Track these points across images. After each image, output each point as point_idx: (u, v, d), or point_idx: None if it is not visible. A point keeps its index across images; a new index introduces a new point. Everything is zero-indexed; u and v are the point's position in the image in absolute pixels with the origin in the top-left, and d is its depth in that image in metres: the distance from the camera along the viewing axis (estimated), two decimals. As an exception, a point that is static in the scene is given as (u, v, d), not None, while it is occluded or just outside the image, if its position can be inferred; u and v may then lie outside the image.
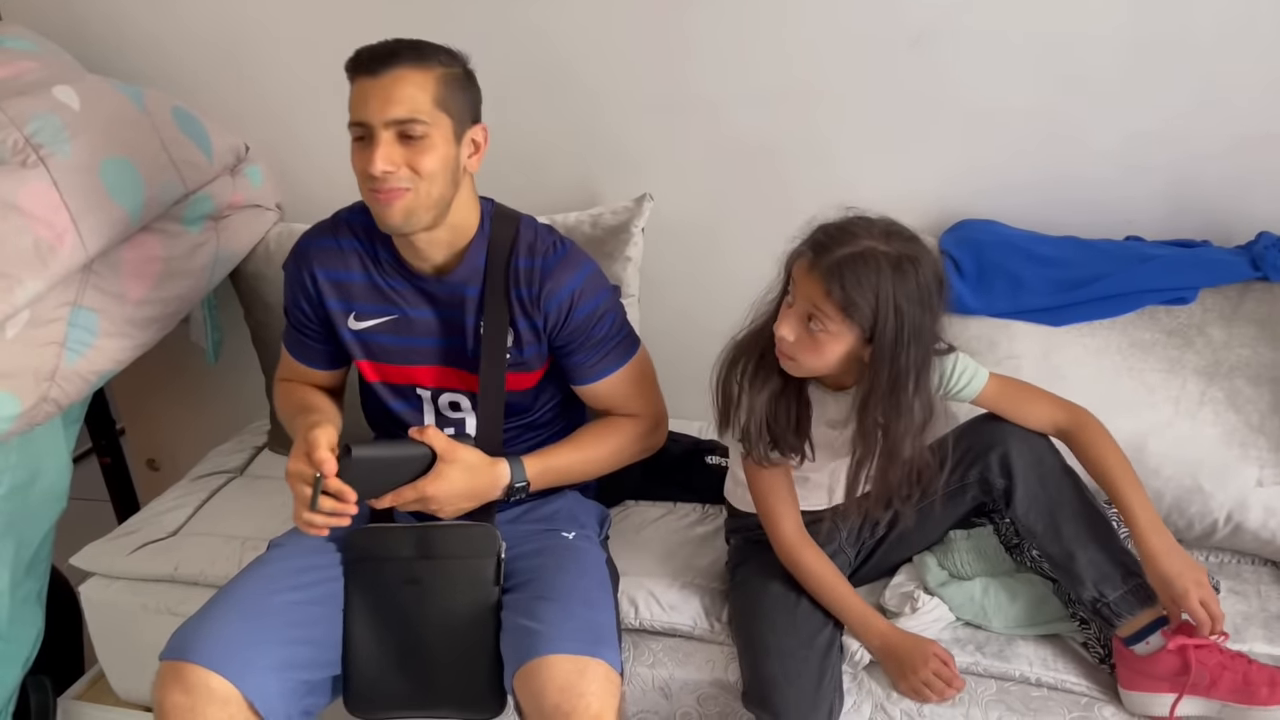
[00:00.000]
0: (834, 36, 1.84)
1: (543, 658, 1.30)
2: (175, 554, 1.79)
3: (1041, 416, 1.45)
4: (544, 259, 1.47)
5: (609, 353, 1.53)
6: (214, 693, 1.29)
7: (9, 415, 1.69)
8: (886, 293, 1.27)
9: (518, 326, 1.48)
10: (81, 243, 1.69)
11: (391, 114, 1.32)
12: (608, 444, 1.55)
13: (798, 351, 1.34)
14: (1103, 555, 1.39)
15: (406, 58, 1.34)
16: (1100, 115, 1.79)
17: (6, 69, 1.81)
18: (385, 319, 1.52)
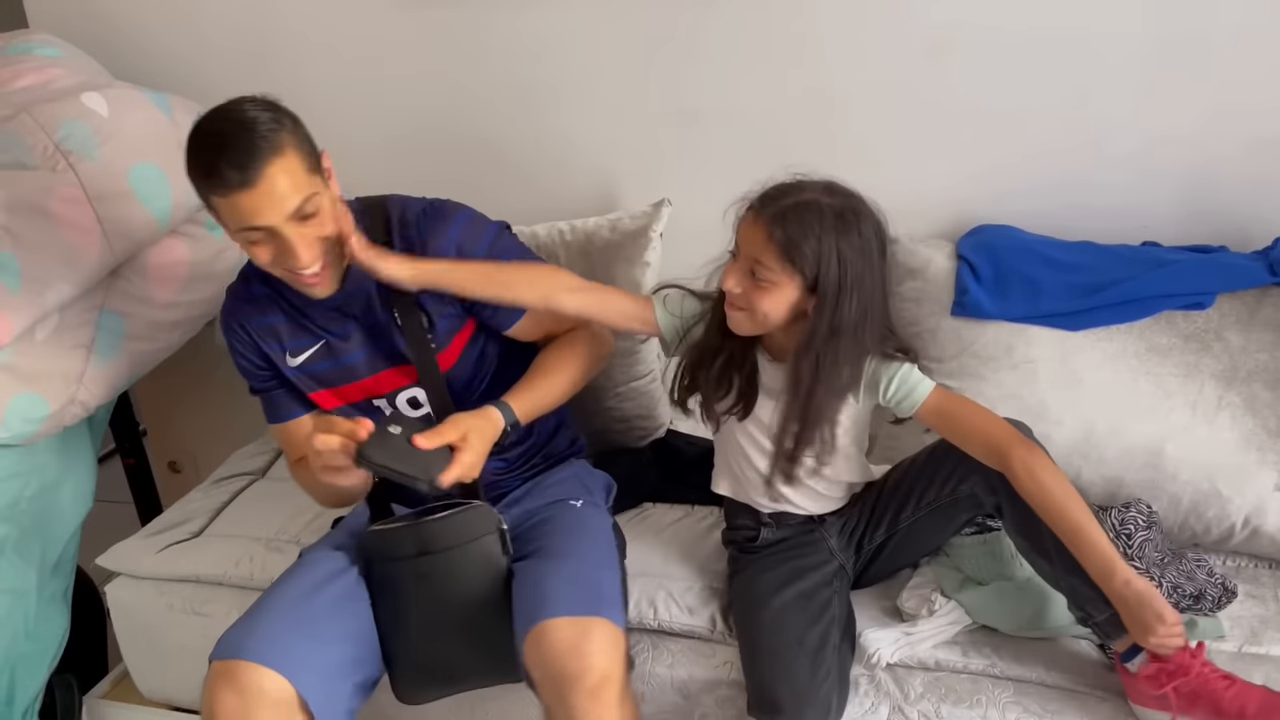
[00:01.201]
0: (851, 43, 1.86)
1: (546, 621, 1.33)
2: (200, 555, 1.81)
3: (977, 441, 1.38)
4: (417, 224, 1.49)
5: None
6: (266, 694, 1.31)
7: (38, 417, 1.72)
8: (829, 241, 1.30)
9: (423, 303, 1.49)
10: (110, 247, 1.72)
11: (289, 209, 1.31)
12: (572, 363, 1.55)
13: (748, 301, 1.36)
14: (1076, 578, 1.35)
15: (263, 156, 1.28)
16: (1117, 120, 1.80)
17: (36, 76, 1.84)
18: (316, 347, 1.54)
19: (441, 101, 2.10)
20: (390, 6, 2.04)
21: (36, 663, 1.83)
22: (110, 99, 1.80)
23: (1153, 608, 1.28)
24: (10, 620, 1.78)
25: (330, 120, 2.14)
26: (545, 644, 1.31)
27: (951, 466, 1.46)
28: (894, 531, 1.54)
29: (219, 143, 1.29)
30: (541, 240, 1.95)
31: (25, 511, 1.80)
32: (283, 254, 1.35)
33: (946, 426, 1.43)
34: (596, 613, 1.34)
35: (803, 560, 1.52)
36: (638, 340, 1.93)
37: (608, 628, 1.34)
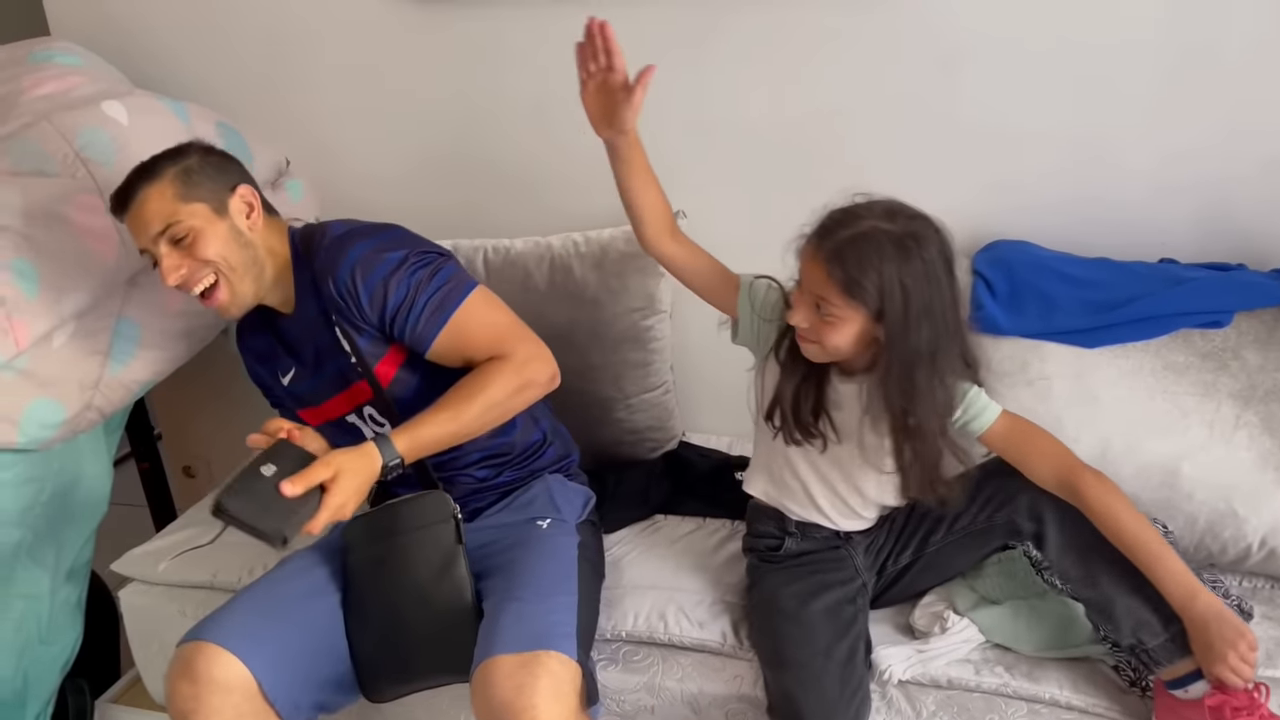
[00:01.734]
0: (866, 57, 1.86)
1: (490, 659, 1.32)
2: (212, 562, 1.82)
3: (1046, 469, 1.40)
4: (325, 250, 1.52)
5: (424, 311, 1.49)
6: (217, 682, 1.35)
7: (54, 422, 1.73)
8: (890, 272, 1.27)
9: (342, 325, 1.53)
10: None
11: (151, 231, 1.47)
12: (479, 396, 1.46)
13: (817, 335, 1.35)
14: (1140, 602, 1.35)
15: (138, 183, 1.47)
16: (1134, 137, 1.79)
17: (56, 84, 1.86)
18: (295, 369, 1.61)
19: (457, 115, 2.10)
20: (407, 22, 2.05)
21: (50, 667, 1.84)
22: (130, 107, 1.82)
23: (1234, 625, 1.28)
24: (24, 624, 1.79)
25: (346, 132, 2.18)
26: (489, 683, 1.30)
27: (991, 493, 1.46)
28: (920, 555, 1.54)
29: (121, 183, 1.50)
30: (556, 251, 1.96)
31: (41, 516, 1.81)
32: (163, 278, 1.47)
33: (1013, 450, 1.42)
34: (543, 646, 1.32)
35: (828, 575, 1.52)
36: (650, 352, 1.94)
37: (556, 660, 1.31)
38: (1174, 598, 1.32)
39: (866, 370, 1.39)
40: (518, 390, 1.50)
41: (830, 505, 1.53)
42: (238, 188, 1.52)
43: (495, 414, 1.49)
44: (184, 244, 1.47)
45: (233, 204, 1.51)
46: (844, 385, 1.44)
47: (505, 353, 1.50)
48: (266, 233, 1.54)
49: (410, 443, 1.42)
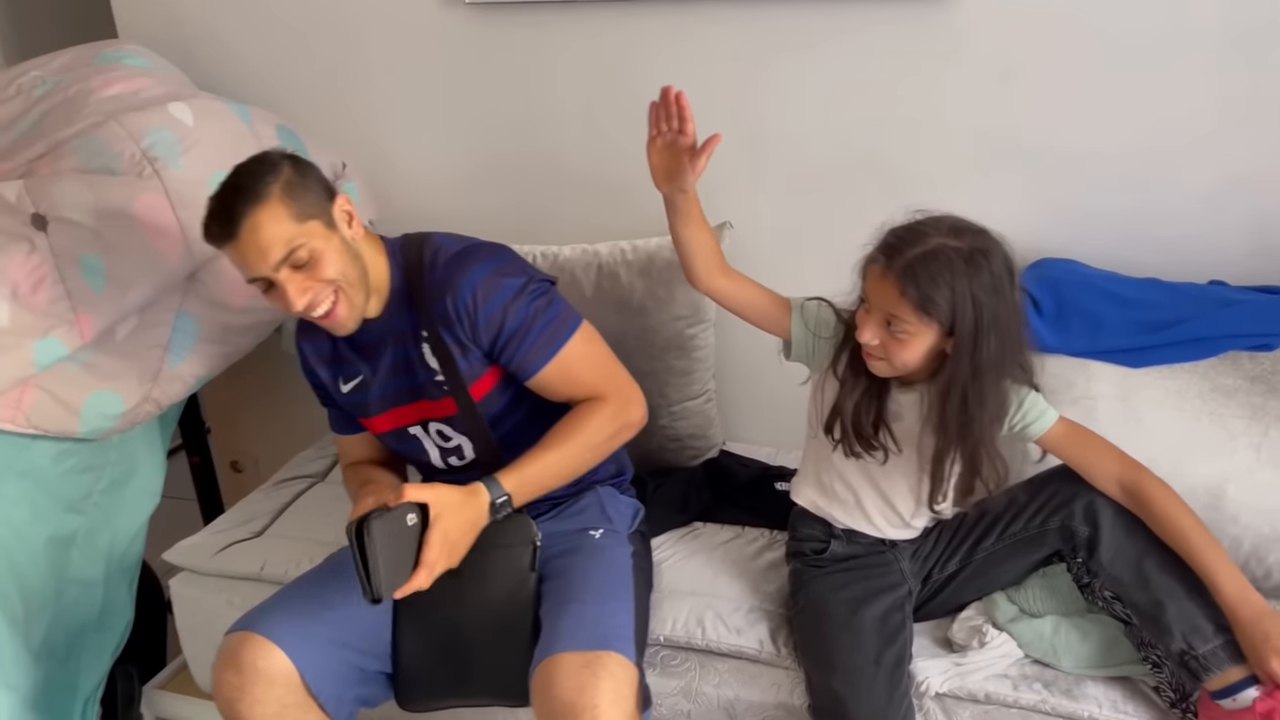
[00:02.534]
0: (917, 72, 1.87)
1: (553, 656, 1.33)
2: (261, 554, 1.86)
3: (1107, 470, 1.43)
4: (444, 268, 1.50)
5: (537, 341, 1.50)
6: (261, 673, 1.38)
7: (113, 414, 1.78)
8: (962, 287, 1.29)
9: (445, 342, 1.51)
10: (189, 252, 1.78)
11: (273, 259, 1.37)
12: (579, 436, 1.49)
13: (886, 352, 1.36)
14: (1193, 607, 1.37)
15: (244, 207, 1.36)
16: (1189, 156, 1.79)
17: (125, 85, 1.91)
18: (357, 380, 1.59)
19: (508, 121, 2.14)
20: (461, 28, 2.08)
21: (101, 652, 1.89)
22: (195, 109, 1.87)
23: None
24: (78, 610, 1.84)
25: (400, 136, 2.22)
26: (552, 680, 1.31)
27: (1045, 499, 1.47)
28: (968, 562, 1.55)
29: (213, 204, 1.40)
30: (604, 259, 1.98)
31: (97, 504, 1.87)
32: (286, 303, 1.41)
33: (1072, 451, 1.45)
34: (605, 647, 1.34)
35: (876, 580, 1.53)
36: (694, 360, 1.95)
37: (617, 662, 1.33)
38: (1228, 595, 1.34)
39: (928, 379, 1.41)
40: (616, 433, 1.53)
41: (880, 514, 1.54)
42: (336, 197, 1.46)
43: (594, 455, 1.52)
44: (305, 266, 1.40)
45: (336, 215, 1.45)
46: (904, 395, 1.46)
47: (604, 393, 1.53)
48: (366, 246, 1.50)
49: (518, 482, 1.44)
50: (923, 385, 1.42)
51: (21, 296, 1.64)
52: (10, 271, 1.64)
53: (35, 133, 1.83)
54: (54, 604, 1.80)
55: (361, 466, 1.68)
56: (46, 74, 1.94)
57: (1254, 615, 1.33)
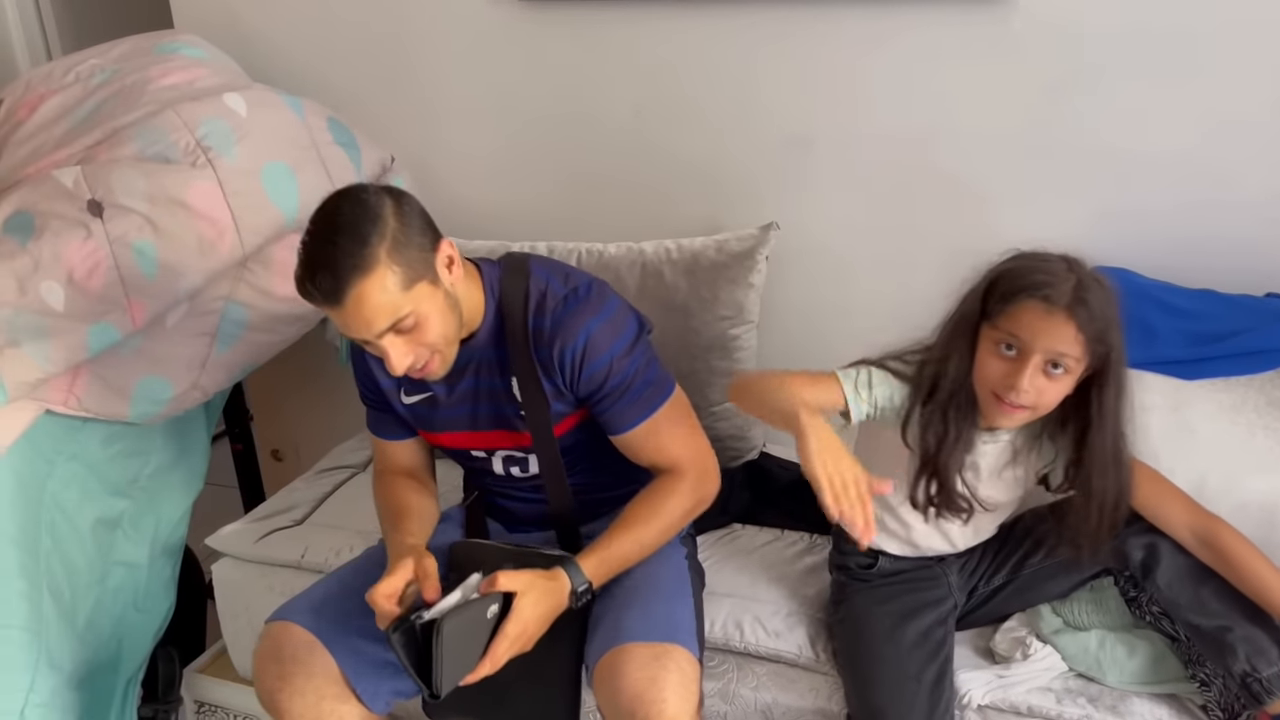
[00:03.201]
0: (970, 78, 1.85)
1: (621, 646, 1.33)
2: (302, 542, 1.88)
3: (1180, 518, 1.39)
4: (553, 314, 1.44)
5: (637, 399, 1.47)
6: (302, 664, 1.39)
7: (162, 399, 1.80)
8: (1113, 315, 1.27)
9: (542, 385, 1.47)
10: (240, 241, 1.80)
11: (378, 328, 1.31)
12: (659, 518, 1.47)
13: (1038, 400, 1.30)
14: (1257, 630, 1.34)
15: (351, 277, 1.27)
16: (1246, 167, 1.75)
17: (181, 75, 1.94)
18: (424, 395, 1.54)
19: (557, 117, 2.14)
20: (513, 23, 2.09)
21: (143, 634, 1.91)
22: (249, 100, 1.88)
23: None
24: (122, 591, 1.87)
25: (448, 130, 2.23)
26: (620, 670, 1.31)
27: None
28: (1015, 576, 1.53)
29: (311, 257, 1.30)
30: (649, 257, 1.98)
31: (143, 489, 1.89)
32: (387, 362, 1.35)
33: (1145, 498, 1.40)
34: (673, 640, 1.34)
35: (921, 594, 1.51)
36: (736, 361, 1.94)
37: (684, 656, 1.33)
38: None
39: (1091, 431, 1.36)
40: (692, 509, 1.51)
41: (931, 545, 1.53)
42: (439, 244, 1.37)
43: (671, 533, 1.50)
44: (409, 331, 1.33)
45: (439, 265, 1.36)
46: (989, 445, 1.42)
47: (684, 464, 1.50)
48: (463, 286, 1.42)
49: (598, 567, 1.41)
50: (1008, 433, 1.39)
51: (77, 281, 1.67)
52: (67, 257, 1.66)
53: (93, 120, 1.86)
54: (99, 586, 1.83)
55: (397, 487, 1.60)
56: (105, 63, 1.97)
57: None
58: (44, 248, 1.66)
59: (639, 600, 1.42)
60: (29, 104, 1.91)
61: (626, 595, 1.44)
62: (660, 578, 1.49)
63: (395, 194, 1.35)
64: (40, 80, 1.96)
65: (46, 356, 1.65)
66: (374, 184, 1.36)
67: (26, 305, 1.64)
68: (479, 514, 1.68)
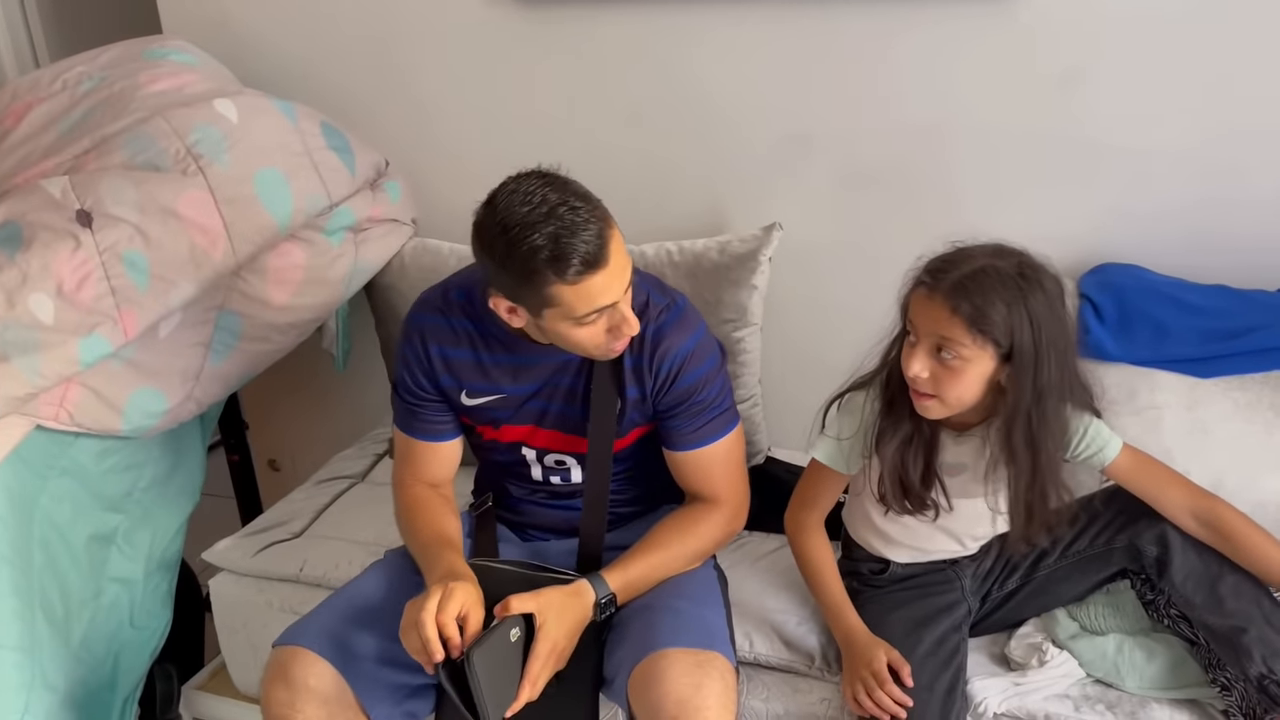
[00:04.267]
0: (976, 73, 1.82)
1: (661, 651, 1.30)
2: (300, 555, 1.84)
3: (1178, 501, 1.39)
4: (656, 322, 1.44)
5: (709, 422, 1.47)
6: (312, 690, 1.34)
7: (156, 411, 1.77)
8: (1018, 305, 1.24)
9: (626, 395, 1.45)
10: (232, 249, 1.77)
11: (626, 280, 1.33)
12: (688, 542, 1.48)
13: (938, 386, 1.30)
14: (1273, 630, 1.33)
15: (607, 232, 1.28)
16: (1258, 160, 1.72)
17: (170, 80, 1.90)
18: (491, 397, 1.51)
19: (554, 119, 2.11)
20: (508, 26, 2.06)
21: (139, 651, 1.88)
22: (240, 105, 1.85)
23: None
24: (117, 608, 1.84)
25: (443, 134, 2.19)
26: (663, 675, 1.28)
27: (1111, 516, 1.43)
28: (1029, 580, 1.51)
29: (558, 232, 1.25)
30: (650, 260, 1.95)
31: (138, 503, 1.86)
32: (615, 326, 1.33)
33: (1142, 481, 1.40)
34: (711, 647, 1.32)
35: (935, 600, 1.49)
36: (739, 364, 1.92)
37: (724, 665, 1.31)
38: None
39: (985, 420, 1.36)
40: (720, 541, 1.53)
41: (941, 547, 1.51)
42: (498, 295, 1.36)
43: (697, 561, 1.50)
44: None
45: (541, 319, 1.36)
46: (962, 445, 1.41)
47: (723, 498, 1.51)
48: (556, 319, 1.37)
49: (623, 581, 1.41)
50: (981, 429, 1.37)
51: (66, 293, 1.63)
52: (56, 268, 1.63)
53: (81, 128, 1.82)
54: (93, 603, 1.79)
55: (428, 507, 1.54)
56: (92, 70, 1.93)
57: None
58: (32, 259, 1.62)
59: (671, 606, 1.40)
60: (15, 113, 1.88)
61: (656, 600, 1.42)
62: (690, 583, 1.46)
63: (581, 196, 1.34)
64: (27, 88, 1.92)
65: (36, 370, 1.61)
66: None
67: (15, 318, 1.60)
68: (489, 522, 1.64)
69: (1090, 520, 1.46)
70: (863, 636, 1.40)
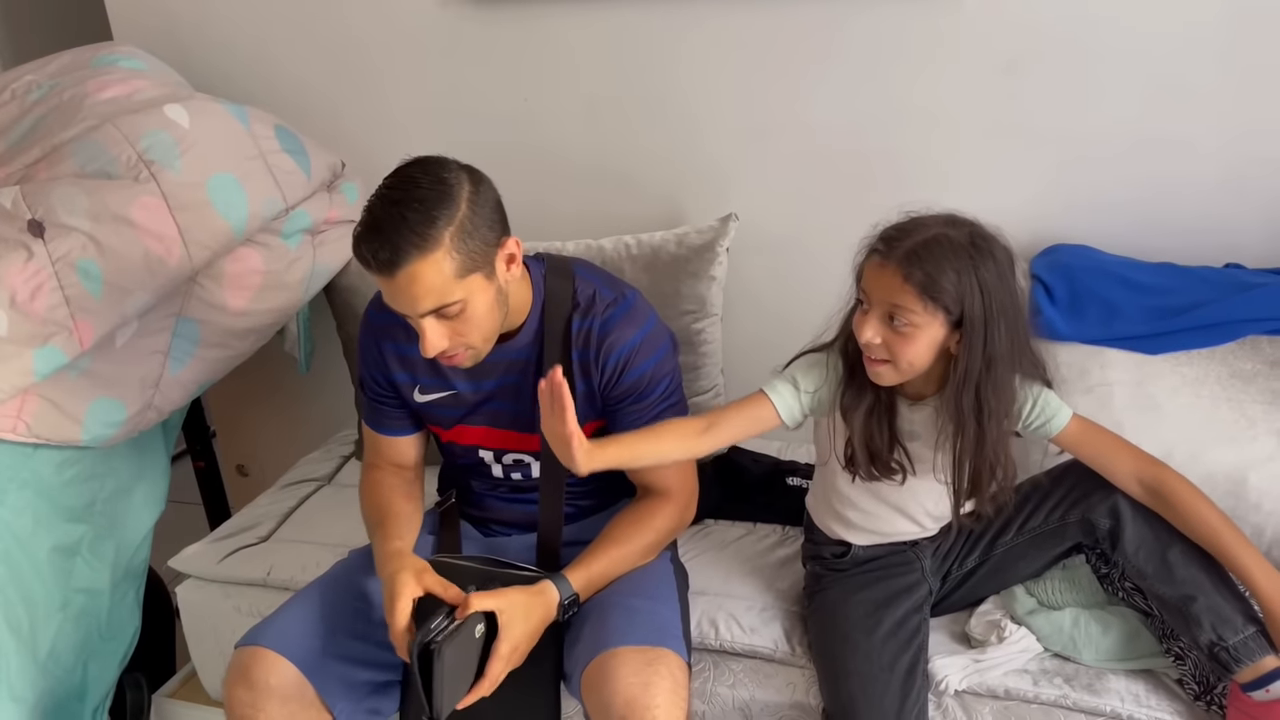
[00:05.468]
0: (924, 59, 1.84)
1: (611, 650, 1.31)
2: (267, 559, 1.84)
3: (1126, 468, 1.40)
4: (603, 317, 1.44)
5: (656, 415, 1.47)
6: (274, 689, 1.35)
7: (115, 421, 1.76)
8: (967, 272, 1.25)
9: (575, 390, 1.43)
10: (188, 256, 1.76)
11: (422, 308, 1.29)
12: (645, 535, 1.48)
13: (890, 352, 1.30)
14: (1221, 599, 1.35)
15: (411, 252, 1.25)
16: (1200, 137, 1.75)
17: (120, 87, 1.89)
18: (444, 394, 1.51)
19: (509, 115, 2.11)
20: (461, 23, 2.06)
21: (108, 661, 1.87)
22: (191, 110, 1.84)
23: None
24: (84, 619, 1.82)
25: (403, 129, 2.19)
26: (613, 675, 1.28)
27: (1064, 492, 1.45)
28: (987, 558, 1.52)
29: (376, 221, 1.27)
30: (608, 254, 1.95)
31: (101, 513, 1.85)
32: (420, 341, 1.34)
33: (1089, 449, 1.41)
34: (663, 644, 1.33)
35: (896, 581, 1.50)
36: (701, 355, 1.93)
37: (675, 661, 1.32)
38: (1262, 584, 1.32)
39: (938, 391, 1.37)
40: (673, 532, 1.53)
41: (897, 528, 1.52)
42: (505, 241, 1.35)
43: (652, 553, 1.51)
44: (451, 318, 1.32)
45: (499, 261, 1.34)
46: (917, 413, 1.41)
47: (674, 491, 1.51)
48: (515, 286, 1.41)
49: (585, 580, 1.41)
50: (935, 399, 1.39)
51: (20, 304, 1.62)
52: (8, 279, 1.62)
53: (31, 138, 1.81)
54: (59, 614, 1.78)
55: (385, 488, 1.56)
56: (42, 78, 1.92)
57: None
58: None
59: (623, 603, 1.40)
60: (-36, 124, 1.86)
61: (610, 598, 1.42)
62: (644, 579, 1.47)
63: (475, 178, 1.34)
64: (-25, 98, 1.91)
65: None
66: (457, 161, 1.35)
67: (-32, 332, 1.59)
68: (453, 519, 1.65)
69: (1043, 498, 1.48)
70: None
